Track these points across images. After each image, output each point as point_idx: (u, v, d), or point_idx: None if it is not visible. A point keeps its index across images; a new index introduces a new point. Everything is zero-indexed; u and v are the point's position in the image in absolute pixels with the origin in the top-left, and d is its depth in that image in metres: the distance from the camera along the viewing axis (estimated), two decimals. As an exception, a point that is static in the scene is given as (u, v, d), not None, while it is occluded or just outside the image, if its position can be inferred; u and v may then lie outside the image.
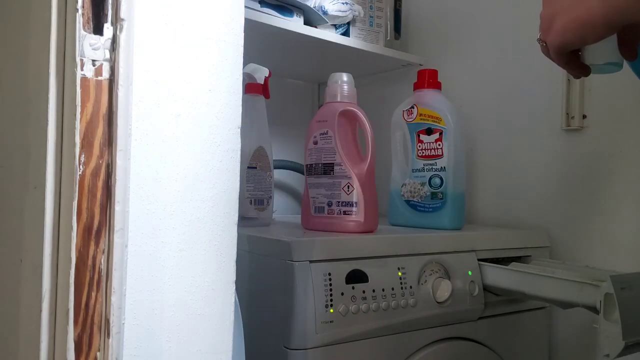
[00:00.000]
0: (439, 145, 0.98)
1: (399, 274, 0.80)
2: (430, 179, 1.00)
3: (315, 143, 0.91)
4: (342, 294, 0.74)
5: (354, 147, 0.91)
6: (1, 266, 0.51)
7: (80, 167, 0.41)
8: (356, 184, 0.87)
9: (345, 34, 1.17)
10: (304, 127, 0.96)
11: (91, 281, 0.41)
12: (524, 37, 1.11)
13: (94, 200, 0.42)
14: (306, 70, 1.42)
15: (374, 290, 0.77)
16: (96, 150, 0.42)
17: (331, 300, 0.73)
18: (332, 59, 1.24)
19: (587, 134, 1.01)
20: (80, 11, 0.41)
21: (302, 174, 1.24)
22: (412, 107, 1.02)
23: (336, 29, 1.18)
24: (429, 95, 1.02)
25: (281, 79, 1.45)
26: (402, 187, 1.04)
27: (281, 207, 1.44)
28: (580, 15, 0.48)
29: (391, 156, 1.07)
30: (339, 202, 0.89)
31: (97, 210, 0.42)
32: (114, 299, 0.42)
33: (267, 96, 1.01)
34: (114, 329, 0.42)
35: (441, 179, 0.98)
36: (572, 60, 0.54)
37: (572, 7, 0.49)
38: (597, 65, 0.56)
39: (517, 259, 0.96)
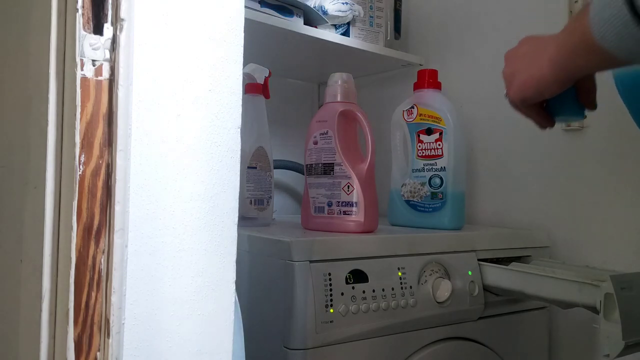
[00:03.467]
0: (439, 145, 0.98)
1: (399, 274, 0.80)
2: (430, 179, 1.00)
3: (315, 143, 0.91)
4: (342, 294, 0.74)
5: (354, 147, 0.91)
6: (1, 266, 0.51)
7: (80, 167, 0.41)
8: (356, 184, 0.87)
9: (345, 34, 1.17)
10: (304, 127, 0.96)
11: (91, 281, 0.41)
12: (524, 36, 1.11)
13: (94, 200, 0.42)
14: (306, 70, 1.42)
15: (374, 290, 0.77)
16: (96, 150, 0.42)
17: (331, 300, 0.73)
18: (332, 59, 1.24)
19: (587, 134, 1.01)
20: (80, 11, 0.41)
21: (302, 174, 1.24)
22: (412, 107, 1.02)
23: (336, 29, 1.18)
24: (429, 95, 1.02)
25: (281, 79, 1.45)
26: (402, 187, 1.04)
27: (281, 207, 1.44)
28: (534, 73, 0.54)
29: (391, 156, 1.07)
30: (339, 202, 0.89)
31: (97, 210, 0.42)
32: (114, 299, 0.42)
33: (267, 96, 1.01)
34: (114, 329, 0.42)
35: (441, 179, 0.98)
36: (537, 112, 0.59)
37: (527, 66, 0.55)
38: (561, 115, 0.61)
39: (517, 259, 0.96)
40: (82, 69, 0.41)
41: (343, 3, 1.13)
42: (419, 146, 1.01)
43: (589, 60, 0.50)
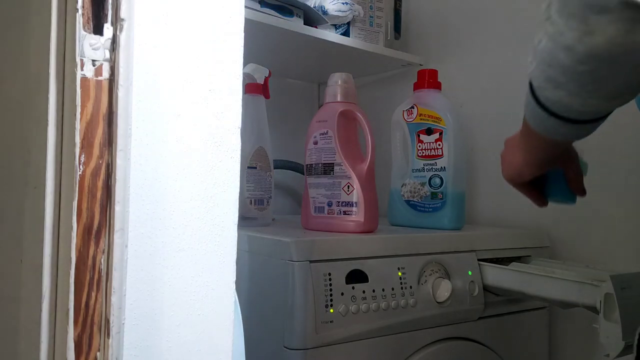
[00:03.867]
0: (439, 145, 0.98)
1: (399, 274, 0.80)
2: (430, 179, 1.00)
3: (315, 143, 0.91)
4: (342, 294, 0.74)
5: (354, 147, 0.91)
6: (1, 266, 0.51)
7: (80, 167, 0.41)
8: (356, 184, 0.87)
9: (345, 34, 1.17)
10: (304, 127, 0.96)
11: (91, 281, 0.41)
12: (524, 36, 1.11)
13: (94, 200, 0.42)
14: (306, 70, 1.42)
15: (374, 290, 0.77)
16: (96, 150, 0.42)
17: (331, 300, 0.73)
18: (332, 59, 1.24)
19: (587, 134, 1.01)
20: (80, 11, 0.41)
21: (302, 174, 1.24)
22: (412, 107, 1.02)
23: (336, 29, 1.18)
24: (429, 95, 1.02)
25: (281, 79, 1.45)
26: (402, 187, 1.04)
27: (281, 207, 1.44)
28: (513, 160, 0.64)
29: (391, 156, 1.07)
30: (339, 202, 0.89)
31: (97, 210, 0.42)
32: (114, 299, 0.42)
33: (267, 96, 1.01)
34: (114, 329, 0.42)
35: (441, 179, 0.98)
36: (527, 191, 0.67)
37: (512, 152, 0.64)
38: (552, 197, 0.68)
39: (517, 259, 0.96)
40: (82, 69, 0.41)
41: (343, 3, 1.13)
42: (419, 146, 1.01)
43: (534, 141, 0.58)
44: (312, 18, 1.10)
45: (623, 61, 0.40)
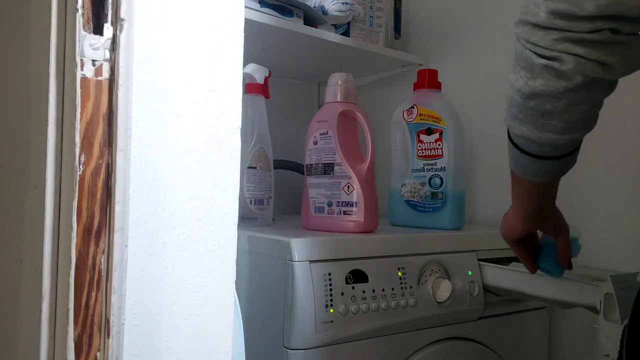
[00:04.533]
0: (439, 145, 0.98)
1: (399, 274, 0.80)
2: (430, 179, 1.00)
3: (315, 143, 0.91)
4: (342, 294, 0.74)
5: (354, 147, 0.91)
6: (1, 266, 0.51)
7: (80, 167, 0.41)
8: (356, 184, 0.87)
9: (345, 33, 1.17)
10: (304, 127, 0.96)
11: (91, 281, 0.41)
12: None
13: (94, 200, 0.42)
14: (306, 70, 1.42)
15: (374, 290, 0.77)
16: (96, 150, 0.42)
17: (331, 300, 0.73)
18: (332, 59, 1.24)
19: (587, 134, 1.01)
20: (80, 11, 0.41)
21: (302, 174, 1.24)
22: (412, 107, 1.02)
23: (336, 29, 1.18)
24: (429, 95, 1.02)
25: (281, 79, 1.45)
26: (402, 187, 1.04)
27: (281, 207, 1.44)
28: (506, 221, 0.72)
29: (391, 156, 1.07)
30: (339, 202, 0.89)
31: (97, 210, 0.42)
32: (114, 299, 0.42)
33: (267, 96, 1.01)
34: (114, 329, 0.42)
35: (441, 179, 0.98)
36: (519, 253, 0.73)
37: (506, 215, 0.72)
38: (542, 266, 0.73)
39: (517, 259, 0.96)
40: (82, 69, 0.41)
41: (343, 3, 1.13)
42: (419, 146, 1.01)
43: (519, 188, 0.66)
44: (312, 18, 1.10)
45: (559, 98, 0.52)
